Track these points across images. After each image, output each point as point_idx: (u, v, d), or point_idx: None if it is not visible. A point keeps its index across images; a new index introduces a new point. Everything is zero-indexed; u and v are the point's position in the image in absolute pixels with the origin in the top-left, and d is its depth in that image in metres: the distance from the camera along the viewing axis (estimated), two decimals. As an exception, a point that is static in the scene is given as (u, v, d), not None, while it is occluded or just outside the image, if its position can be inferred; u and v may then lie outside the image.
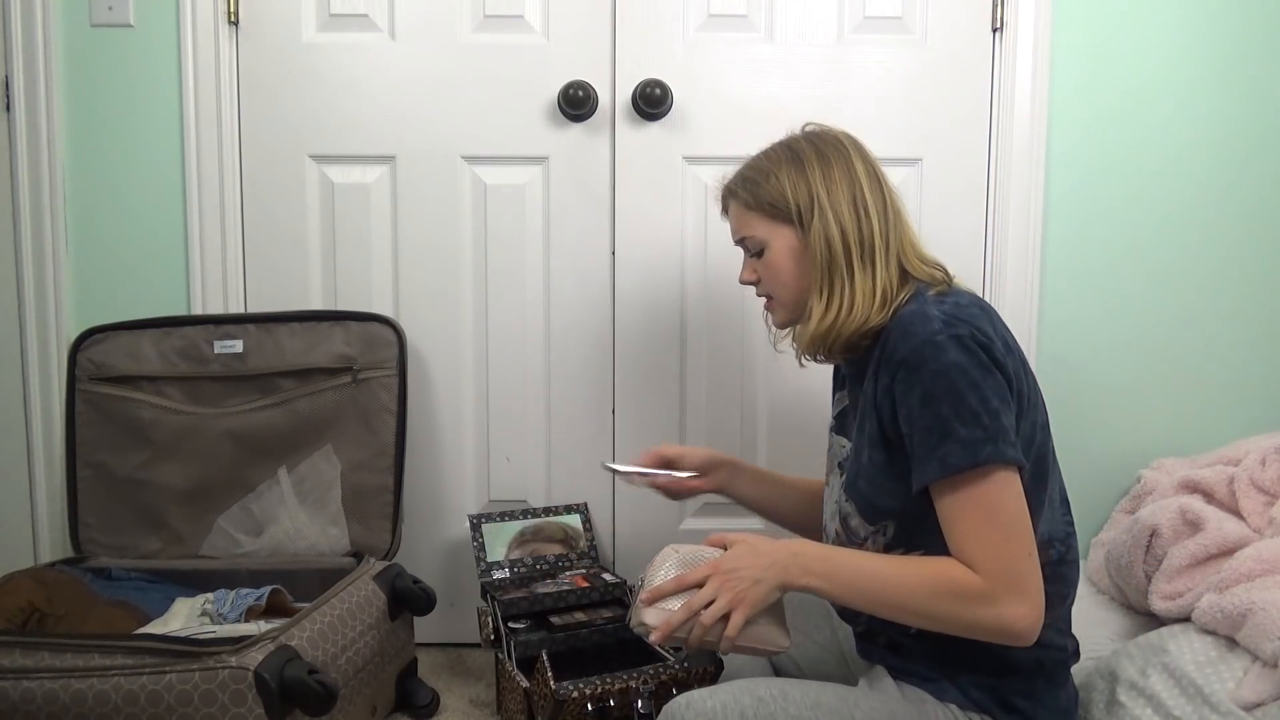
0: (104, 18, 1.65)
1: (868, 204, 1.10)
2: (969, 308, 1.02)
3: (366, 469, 1.61)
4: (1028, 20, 1.67)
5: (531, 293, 1.73)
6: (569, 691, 1.22)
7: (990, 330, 1.00)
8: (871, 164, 1.14)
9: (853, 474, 1.11)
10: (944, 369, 0.96)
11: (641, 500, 1.76)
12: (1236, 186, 1.73)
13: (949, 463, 0.95)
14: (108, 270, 1.70)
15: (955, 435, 0.95)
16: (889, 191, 1.13)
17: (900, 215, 1.13)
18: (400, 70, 1.68)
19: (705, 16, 1.68)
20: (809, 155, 1.14)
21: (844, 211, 1.09)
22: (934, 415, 0.96)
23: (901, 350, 1.00)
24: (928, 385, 0.97)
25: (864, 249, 1.09)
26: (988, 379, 0.96)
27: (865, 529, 1.09)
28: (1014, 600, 0.94)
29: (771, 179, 1.15)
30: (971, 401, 0.95)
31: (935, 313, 1.00)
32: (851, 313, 1.07)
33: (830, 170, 1.12)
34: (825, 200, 1.10)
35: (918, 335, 0.99)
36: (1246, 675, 1.09)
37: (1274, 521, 1.30)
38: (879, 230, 1.09)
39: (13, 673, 1.11)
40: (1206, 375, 1.76)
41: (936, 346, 0.97)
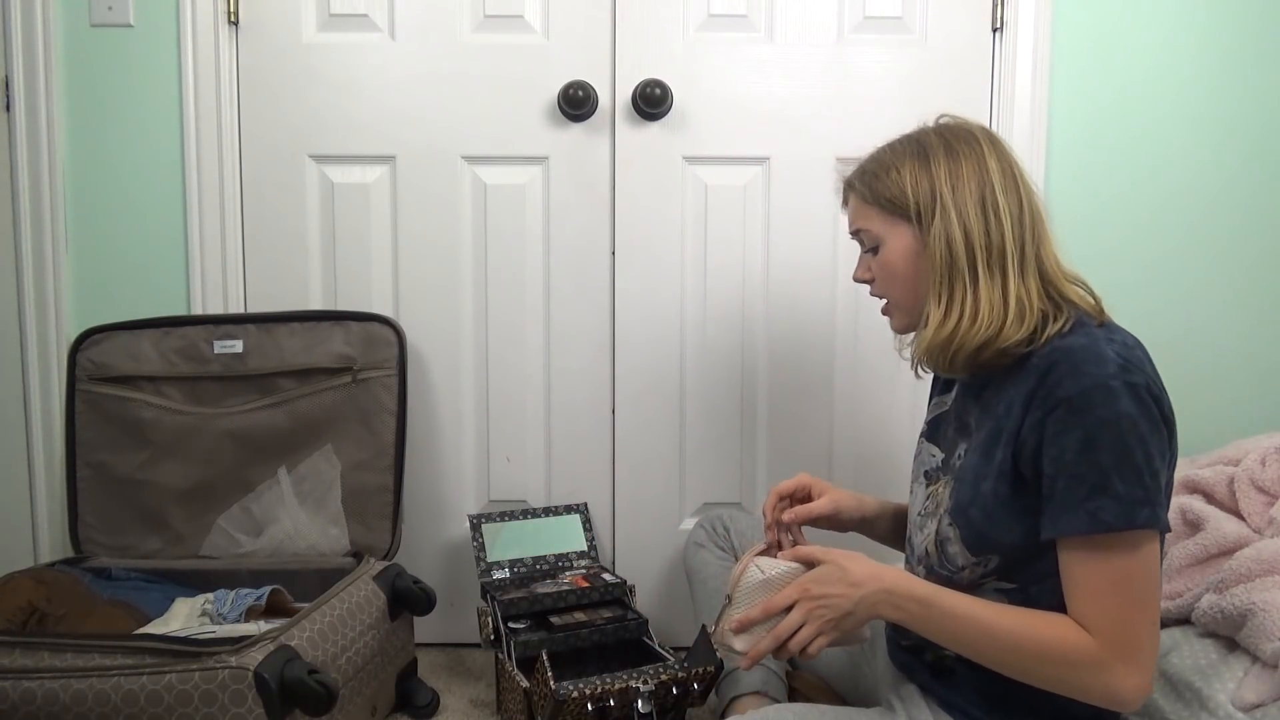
0: (104, 18, 1.66)
1: (999, 205, 1.00)
2: (1136, 349, 0.95)
3: (366, 469, 1.61)
4: (1028, 20, 1.67)
5: (531, 292, 1.73)
6: (569, 691, 1.22)
7: (1160, 382, 0.93)
8: (1009, 162, 1.05)
9: (965, 500, 1.01)
10: (1114, 418, 0.88)
11: (641, 500, 1.76)
12: (1236, 186, 1.73)
13: (1101, 519, 0.88)
14: (108, 270, 1.71)
15: (1113, 491, 0.88)
16: (1028, 194, 1.04)
17: (1041, 221, 1.04)
18: (400, 70, 1.68)
19: (705, 16, 1.68)
20: (936, 149, 1.05)
21: (970, 212, 1.00)
22: (1092, 465, 0.89)
23: (1069, 388, 0.91)
24: (1092, 431, 0.89)
25: (991, 254, 0.99)
26: (1155, 436, 0.90)
27: (965, 558, 1.01)
28: (1126, 670, 0.88)
29: (892, 173, 1.06)
30: (1137, 458, 0.88)
31: (1110, 354, 0.91)
32: (975, 323, 0.98)
33: (958, 166, 1.02)
34: (949, 198, 1.01)
35: (1091, 376, 0.90)
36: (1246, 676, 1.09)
37: (1274, 521, 1.30)
38: (1012, 235, 1.00)
39: (13, 673, 1.11)
40: (1206, 375, 1.76)
41: (1110, 392, 0.89)
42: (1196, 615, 1.20)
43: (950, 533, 1.02)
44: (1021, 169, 1.06)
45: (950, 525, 1.02)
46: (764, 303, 1.72)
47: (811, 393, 1.74)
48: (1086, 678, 0.90)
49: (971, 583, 1.02)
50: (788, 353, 1.74)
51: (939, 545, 1.04)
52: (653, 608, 1.72)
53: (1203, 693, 1.09)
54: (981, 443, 1.01)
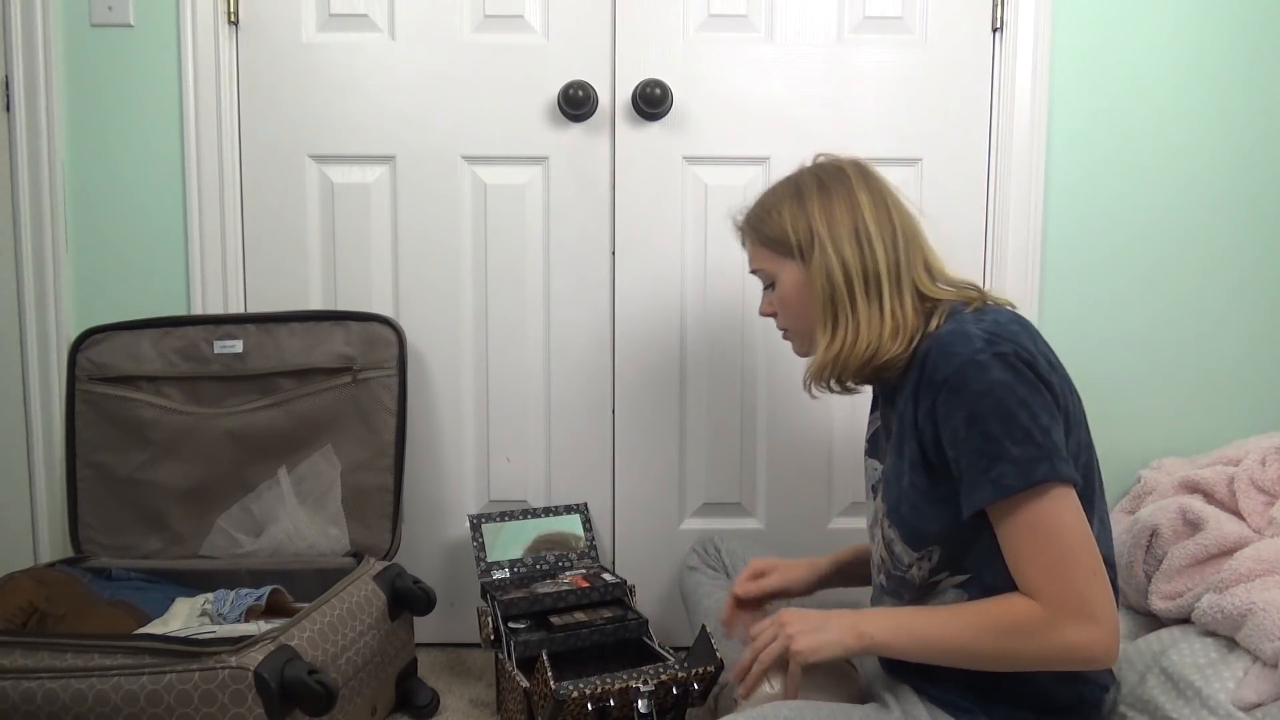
0: (104, 18, 1.66)
1: (870, 234, 1.09)
2: (1009, 325, 1.00)
3: (366, 469, 1.61)
4: (1028, 20, 1.67)
5: (531, 292, 1.73)
6: (569, 691, 1.22)
7: (1033, 347, 0.98)
8: (879, 190, 1.13)
9: (894, 500, 1.08)
10: (989, 388, 0.94)
11: (641, 500, 1.76)
12: (1236, 186, 1.73)
13: (1003, 484, 0.93)
14: (108, 270, 1.71)
15: (1008, 455, 0.92)
16: (901, 217, 1.12)
17: (915, 240, 1.12)
18: (400, 70, 1.68)
19: (705, 16, 1.68)
20: (810, 188, 1.14)
21: (844, 244, 1.09)
22: (982, 436, 0.94)
23: (943, 371, 0.98)
24: (973, 405, 0.94)
25: (868, 280, 1.08)
26: (1035, 396, 0.94)
27: (910, 555, 1.07)
28: (1079, 624, 0.91)
29: (774, 214, 1.15)
30: (1021, 419, 0.93)
31: (975, 331, 0.98)
32: (855, 344, 1.07)
33: (830, 202, 1.11)
34: (824, 234, 1.10)
35: (959, 355, 0.97)
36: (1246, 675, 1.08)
37: (1274, 521, 1.30)
38: (885, 260, 1.08)
39: (13, 673, 1.11)
40: (1206, 375, 1.76)
41: (979, 365, 0.95)
42: (1196, 615, 1.20)
43: (892, 534, 1.09)
44: (894, 195, 1.14)
45: (890, 527, 1.09)
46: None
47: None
48: (1043, 641, 0.92)
49: (924, 582, 1.06)
50: (788, 352, 1.71)
51: (888, 548, 1.11)
52: (653, 608, 1.72)
53: (1203, 691, 1.09)
54: (894, 443, 1.09)
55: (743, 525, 1.76)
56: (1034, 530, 0.93)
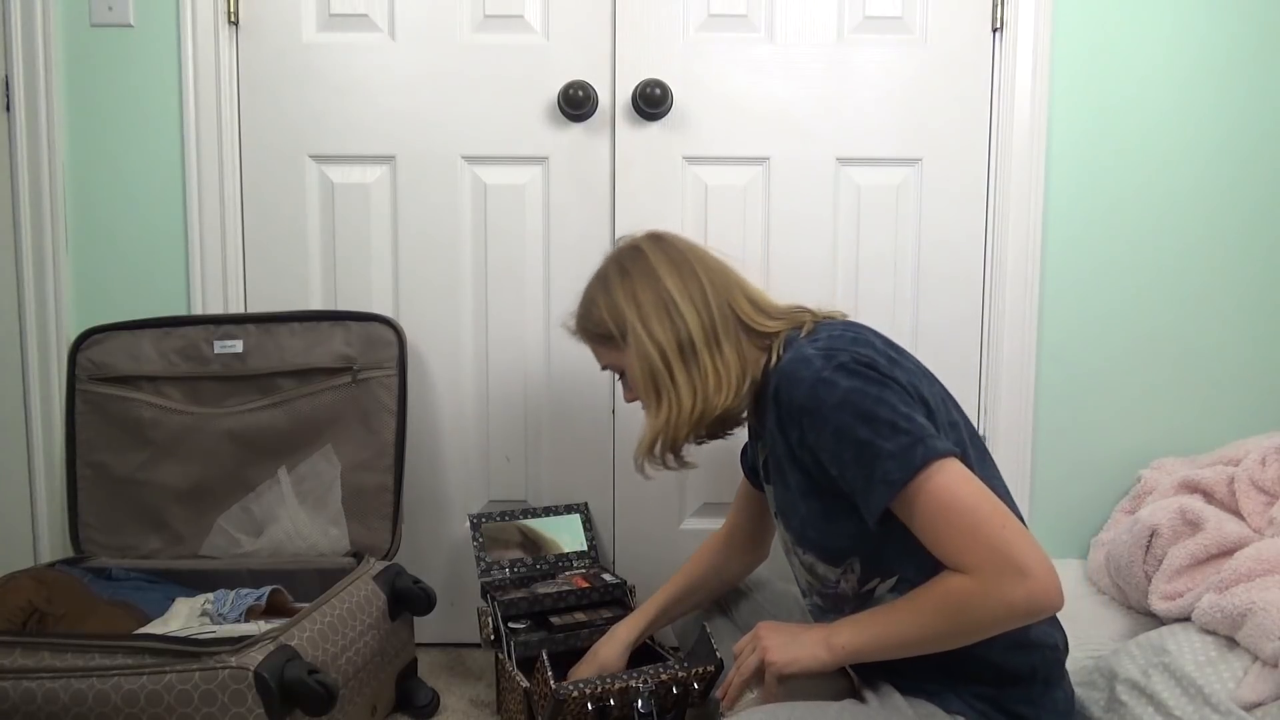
0: (104, 18, 1.66)
1: (676, 302, 1.12)
2: (841, 336, 1.05)
3: (366, 469, 1.61)
4: (1028, 20, 1.67)
5: (531, 292, 1.73)
6: (569, 691, 1.22)
7: (868, 351, 1.02)
8: (678, 254, 1.16)
9: (798, 528, 1.11)
10: (842, 398, 0.97)
11: (641, 501, 1.76)
12: (1236, 186, 1.73)
13: (891, 480, 0.95)
14: (108, 270, 1.71)
15: (883, 453, 0.95)
16: (707, 272, 1.15)
17: (728, 289, 1.15)
18: (400, 70, 1.68)
19: (705, 16, 1.68)
20: (613, 276, 1.18)
21: (653, 323, 1.12)
22: (854, 445, 0.97)
23: (797, 398, 1.01)
24: (834, 420, 0.98)
25: (684, 350, 1.11)
26: (885, 391, 0.98)
27: (833, 572, 1.10)
28: (1012, 579, 0.91)
29: (593, 310, 1.19)
30: (883, 415, 0.96)
31: (811, 352, 1.02)
32: (679, 414, 1.11)
33: (632, 284, 1.15)
34: (634, 317, 1.13)
35: (804, 379, 1.00)
36: (1247, 675, 1.09)
37: (1274, 521, 1.30)
38: (697, 322, 1.12)
39: (13, 673, 1.11)
40: (1206, 375, 1.76)
41: (826, 383, 0.98)
42: (1196, 615, 1.20)
43: (809, 558, 1.12)
44: (696, 251, 1.18)
45: (805, 553, 1.12)
46: (764, 303, 1.72)
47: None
48: (986, 606, 0.92)
49: (858, 593, 1.09)
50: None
51: (810, 571, 1.14)
52: (653, 608, 1.72)
53: (1205, 689, 1.10)
54: (777, 475, 1.12)
55: (743, 525, 1.76)
56: (935, 509, 0.94)
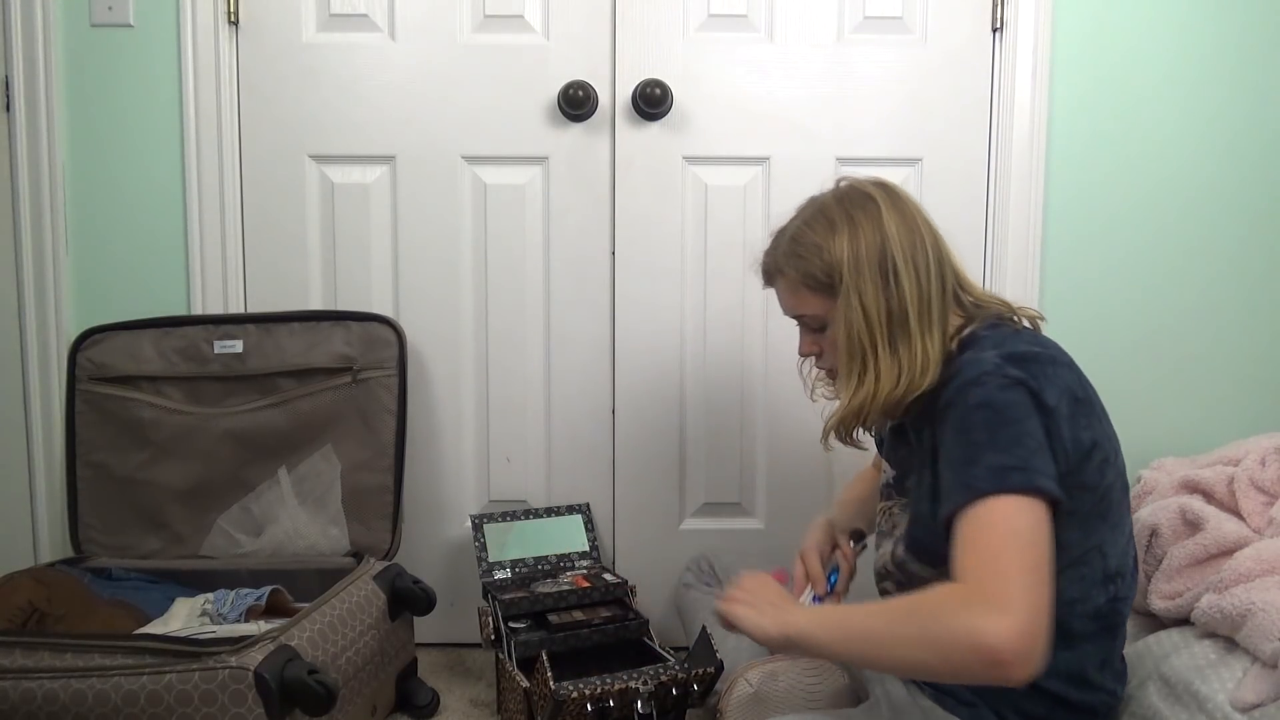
0: (104, 18, 1.65)
1: (899, 269, 1.01)
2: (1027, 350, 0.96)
3: (366, 469, 1.61)
4: (1028, 20, 1.67)
5: (531, 292, 1.73)
6: (569, 692, 1.22)
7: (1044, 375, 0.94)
8: (910, 217, 1.05)
9: (913, 525, 1.05)
10: (983, 402, 0.92)
11: (642, 500, 1.76)
12: (1237, 186, 1.72)
13: (975, 486, 0.88)
14: (108, 270, 1.70)
15: (985, 461, 0.89)
16: (935, 243, 1.05)
17: (948, 258, 1.06)
18: (400, 70, 1.68)
19: (705, 16, 1.68)
20: (839, 219, 1.05)
21: (868, 287, 1.01)
22: (966, 444, 0.91)
23: (949, 395, 0.96)
24: (964, 416, 0.92)
25: (894, 321, 1.01)
26: (1029, 419, 0.91)
27: (929, 572, 1.02)
28: (990, 609, 0.82)
29: (809, 251, 1.06)
30: (1009, 431, 0.90)
31: (989, 358, 0.95)
32: (878, 390, 1.01)
33: (857, 234, 1.03)
34: (851, 275, 1.02)
35: (964, 377, 0.95)
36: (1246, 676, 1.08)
37: (1274, 521, 1.30)
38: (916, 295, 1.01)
39: (13, 673, 1.11)
40: (1206, 375, 1.76)
41: (979, 384, 0.93)
42: (1196, 615, 1.20)
43: (907, 556, 1.06)
44: (924, 216, 1.06)
45: (906, 550, 1.06)
46: (764, 302, 1.72)
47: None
48: (948, 621, 0.83)
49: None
50: (788, 353, 1.71)
51: (898, 566, 1.08)
52: (653, 608, 1.71)
53: (1200, 693, 1.09)
54: (917, 468, 1.05)
55: (743, 525, 1.76)
56: (984, 521, 0.88)
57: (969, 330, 1.04)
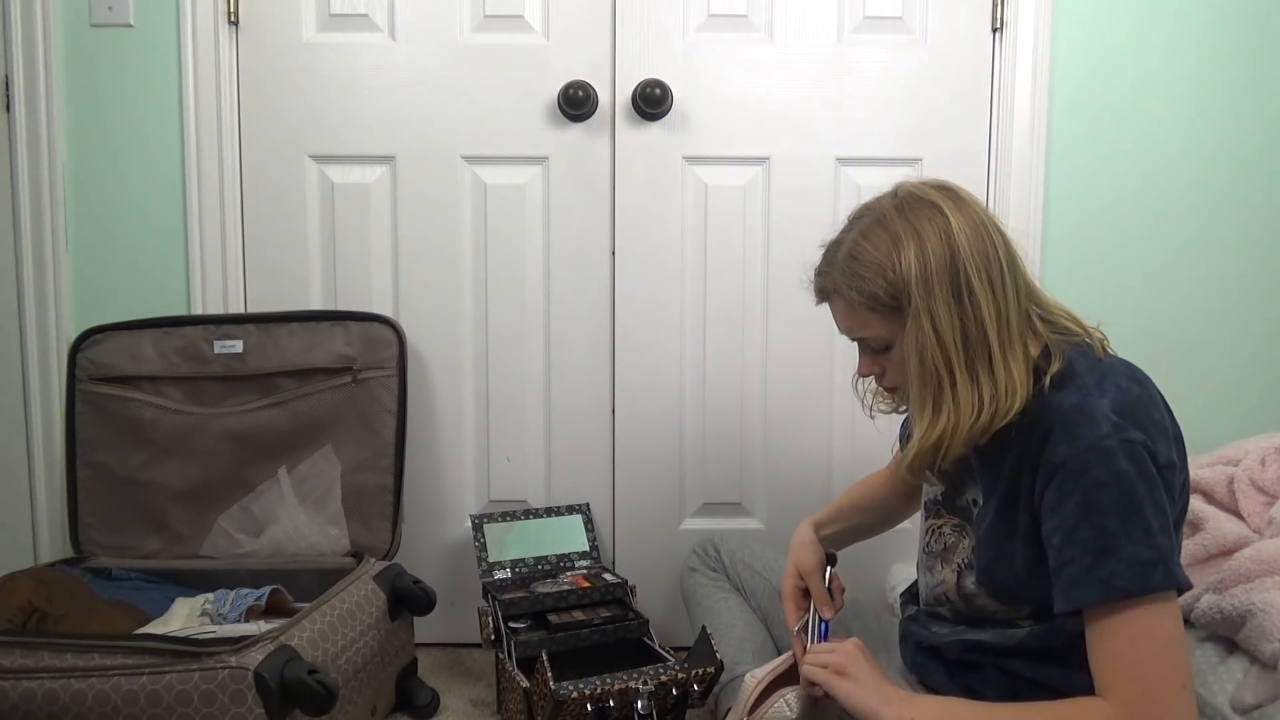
0: (104, 18, 1.65)
1: (973, 287, 0.92)
2: (1129, 389, 0.92)
3: (366, 469, 1.61)
4: (1028, 20, 1.67)
5: (531, 292, 1.73)
6: (568, 692, 1.22)
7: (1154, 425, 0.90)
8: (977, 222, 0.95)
9: (987, 560, 0.99)
10: (1112, 479, 0.86)
11: (642, 500, 1.76)
12: (1236, 186, 1.73)
13: (1115, 585, 0.84)
14: (108, 270, 1.70)
15: (1122, 554, 0.85)
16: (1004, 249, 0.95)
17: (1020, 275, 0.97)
18: (400, 70, 1.68)
19: (705, 16, 1.68)
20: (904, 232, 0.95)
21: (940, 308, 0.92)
22: (1096, 529, 0.86)
23: (1063, 454, 0.88)
24: (1091, 494, 0.86)
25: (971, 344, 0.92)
26: (1155, 493, 0.87)
27: (996, 607, 1.00)
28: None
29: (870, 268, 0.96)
30: (1144, 515, 0.85)
31: (1103, 410, 0.88)
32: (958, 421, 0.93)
33: (924, 248, 0.93)
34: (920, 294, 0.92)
35: (1084, 438, 0.87)
36: (1245, 677, 1.08)
37: (1274, 521, 1.30)
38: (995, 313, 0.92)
39: (13, 673, 1.11)
40: (1207, 376, 1.76)
41: (1106, 454, 0.86)
42: (1196, 616, 1.20)
43: (975, 589, 1.01)
44: (993, 219, 0.97)
45: (976, 584, 1.01)
46: (764, 302, 1.72)
47: (811, 392, 1.74)
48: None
49: (1003, 620, 1.01)
50: (787, 352, 1.74)
51: (962, 597, 1.03)
52: (653, 608, 1.71)
53: (1200, 695, 1.09)
54: (998, 503, 0.98)
55: (743, 525, 1.76)
56: (1131, 631, 0.85)
57: (1058, 361, 0.95)
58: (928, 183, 1.00)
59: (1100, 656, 0.87)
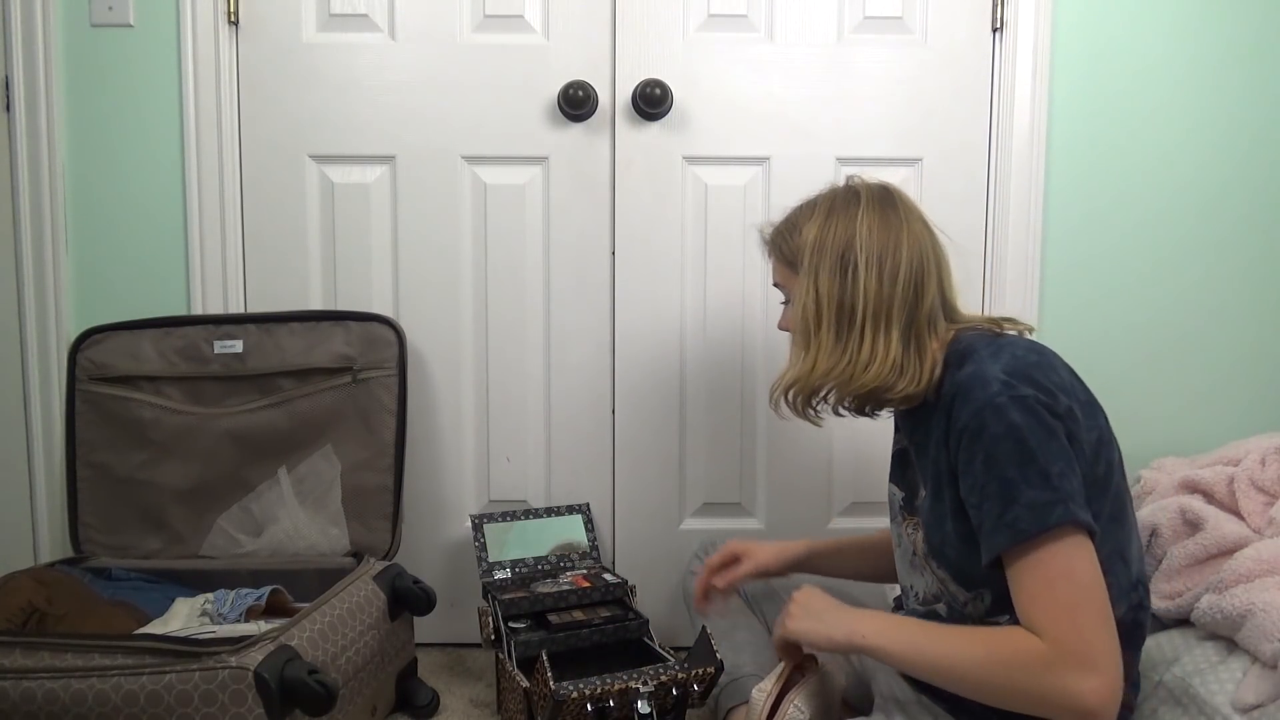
0: (104, 18, 1.65)
1: (859, 268, 1.05)
2: (1026, 357, 0.98)
3: (366, 469, 1.61)
4: (1028, 20, 1.67)
5: (531, 292, 1.73)
6: (568, 692, 1.22)
7: (1051, 381, 0.96)
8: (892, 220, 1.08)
9: (938, 543, 1.06)
10: (1006, 431, 0.93)
11: (641, 500, 1.76)
12: (1236, 187, 1.73)
13: (1019, 528, 0.91)
14: (108, 270, 1.71)
15: (1023, 499, 0.91)
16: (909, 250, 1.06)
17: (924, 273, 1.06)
18: (400, 70, 1.68)
19: (705, 16, 1.68)
20: (820, 207, 1.11)
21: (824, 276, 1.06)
22: (998, 480, 0.93)
23: (964, 418, 0.97)
24: (990, 450, 0.94)
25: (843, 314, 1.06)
26: (1052, 441, 0.93)
27: (963, 594, 1.05)
28: (1083, 671, 0.87)
29: (789, 230, 1.14)
30: (1038, 462, 0.91)
31: (993, 372, 0.96)
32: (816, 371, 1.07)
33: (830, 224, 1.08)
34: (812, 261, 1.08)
35: (977, 399, 0.95)
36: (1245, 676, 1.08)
37: (1274, 521, 1.30)
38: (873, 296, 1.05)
39: (13, 673, 1.11)
40: (1206, 375, 1.76)
41: (997, 409, 0.93)
42: (1196, 615, 1.20)
43: (942, 574, 1.07)
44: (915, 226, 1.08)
45: (939, 569, 1.07)
46: (764, 302, 1.72)
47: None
48: (1041, 680, 0.89)
49: (984, 621, 1.04)
50: (788, 352, 1.73)
51: (943, 586, 1.08)
52: (653, 608, 1.72)
53: (1201, 694, 1.09)
54: (931, 484, 1.07)
55: (743, 525, 1.76)
56: (1045, 572, 0.91)
57: (960, 342, 1.06)
58: (876, 181, 1.14)
59: (1023, 601, 0.92)
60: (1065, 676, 0.87)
